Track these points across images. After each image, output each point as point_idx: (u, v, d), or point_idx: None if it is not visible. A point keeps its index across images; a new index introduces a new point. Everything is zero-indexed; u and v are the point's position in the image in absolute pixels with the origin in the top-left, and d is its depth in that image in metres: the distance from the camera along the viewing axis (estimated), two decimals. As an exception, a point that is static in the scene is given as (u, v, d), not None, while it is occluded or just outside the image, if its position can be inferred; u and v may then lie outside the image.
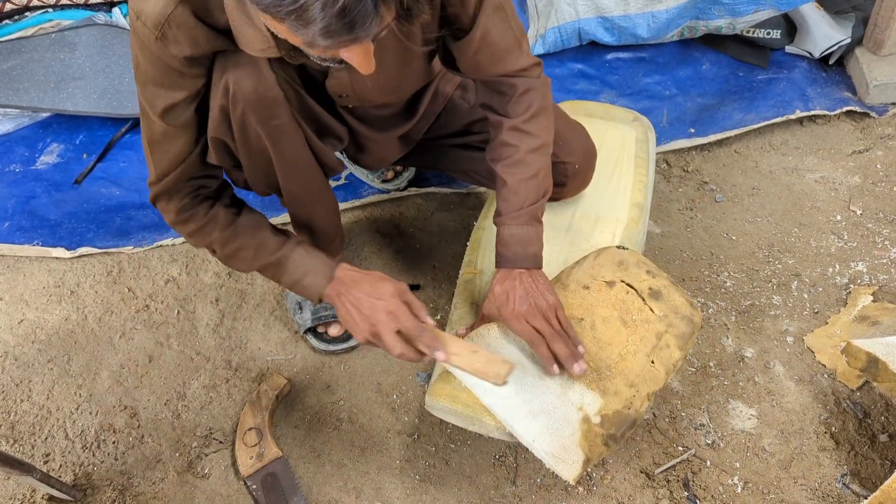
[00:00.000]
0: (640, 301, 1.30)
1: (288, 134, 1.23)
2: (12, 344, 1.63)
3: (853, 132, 1.96)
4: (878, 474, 1.36)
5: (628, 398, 1.21)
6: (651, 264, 1.37)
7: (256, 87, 1.15)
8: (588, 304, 1.30)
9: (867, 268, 1.68)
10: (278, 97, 1.18)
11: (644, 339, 1.27)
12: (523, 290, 1.24)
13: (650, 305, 1.29)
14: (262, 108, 1.18)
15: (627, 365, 1.24)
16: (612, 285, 1.31)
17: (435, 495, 1.40)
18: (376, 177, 1.82)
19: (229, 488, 1.42)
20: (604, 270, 1.34)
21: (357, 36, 0.84)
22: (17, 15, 2.05)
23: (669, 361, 1.26)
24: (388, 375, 1.55)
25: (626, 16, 2.03)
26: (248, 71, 1.13)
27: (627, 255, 1.37)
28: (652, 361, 1.25)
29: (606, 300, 1.30)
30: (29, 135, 2.03)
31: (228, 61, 1.12)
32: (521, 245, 1.27)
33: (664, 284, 1.33)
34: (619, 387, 1.22)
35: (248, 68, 1.13)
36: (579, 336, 1.24)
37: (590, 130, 1.62)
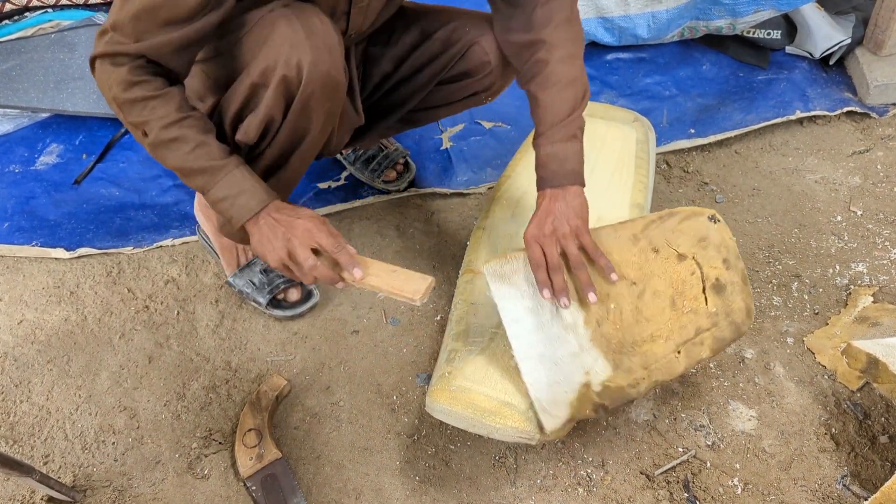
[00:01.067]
0: (700, 288, 1.23)
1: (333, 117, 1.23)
2: (12, 345, 1.63)
3: (853, 133, 1.96)
4: (879, 475, 1.36)
5: (637, 378, 1.19)
6: (734, 250, 1.27)
7: (329, 71, 1.14)
8: (648, 270, 1.24)
9: (867, 269, 1.68)
10: (343, 82, 1.18)
11: (683, 328, 1.22)
12: (546, 212, 1.21)
13: (707, 296, 1.23)
14: (329, 93, 1.17)
15: (653, 348, 1.21)
16: (682, 259, 1.24)
17: (435, 496, 1.39)
18: (376, 177, 1.82)
19: (229, 489, 1.42)
20: (683, 239, 1.26)
21: None
22: (16, 15, 2.05)
23: (694, 358, 1.23)
24: (388, 376, 1.55)
25: (626, 16, 2.03)
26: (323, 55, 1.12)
27: (714, 232, 1.26)
28: (678, 353, 1.21)
29: (668, 273, 1.24)
30: (28, 135, 2.03)
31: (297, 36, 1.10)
32: (558, 163, 1.23)
33: (733, 280, 1.25)
34: (635, 365, 1.19)
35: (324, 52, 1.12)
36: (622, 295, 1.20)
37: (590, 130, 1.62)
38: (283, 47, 1.12)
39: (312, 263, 1.14)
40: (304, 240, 1.14)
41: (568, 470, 1.41)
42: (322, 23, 1.14)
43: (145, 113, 1.13)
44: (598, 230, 1.29)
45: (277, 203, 1.18)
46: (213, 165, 1.15)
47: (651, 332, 1.21)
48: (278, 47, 1.12)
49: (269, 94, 1.16)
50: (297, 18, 1.12)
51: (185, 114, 1.14)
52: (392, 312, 1.65)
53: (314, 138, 1.26)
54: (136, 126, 1.15)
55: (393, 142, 1.83)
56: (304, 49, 1.12)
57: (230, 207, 1.17)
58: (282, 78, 1.14)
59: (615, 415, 1.47)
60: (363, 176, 1.83)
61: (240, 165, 1.17)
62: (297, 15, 1.13)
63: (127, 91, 1.11)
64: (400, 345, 1.59)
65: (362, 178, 1.84)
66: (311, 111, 1.20)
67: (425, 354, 1.58)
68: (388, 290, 1.15)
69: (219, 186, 1.16)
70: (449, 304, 1.61)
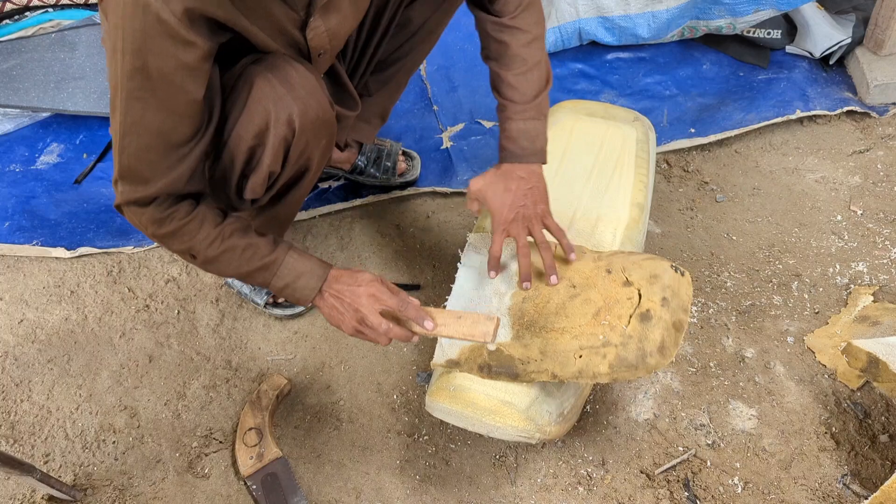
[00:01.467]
0: (629, 313, 1.24)
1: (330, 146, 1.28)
2: (12, 344, 1.63)
3: (854, 132, 1.96)
4: (879, 475, 1.36)
5: (529, 356, 1.23)
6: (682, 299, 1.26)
7: (318, 116, 1.18)
8: (592, 282, 1.30)
9: (867, 268, 1.68)
10: (332, 117, 1.21)
11: (593, 335, 1.23)
12: (512, 197, 1.28)
13: (631, 320, 1.23)
14: (322, 132, 1.22)
15: (558, 338, 1.24)
16: (627, 285, 1.28)
17: (435, 495, 1.40)
18: (392, 176, 1.80)
19: (229, 488, 1.42)
20: (638, 272, 1.29)
21: None
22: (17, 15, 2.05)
23: (591, 368, 1.21)
24: (389, 376, 1.55)
25: (626, 16, 2.03)
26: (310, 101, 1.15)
27: (670, 277, 1.27)
28: (579, 355, 1.22)
29: (607, 290, 1.28)
30: (29, 135, 2.03)
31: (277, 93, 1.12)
32: (529, 139, 1.29)
33: (663, 317, 1.23)
34: (533, 345, 1.24)
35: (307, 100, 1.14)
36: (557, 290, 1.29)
37: (590, 130, 1.62)
38: (268, 106, 1.13)
39: (386, 328, 1.17)
40: (372, 306, 1.17)
41: (568, 469, 1.41)
42: (296, 70, 1.15)
43: (186, 240, 1.17)
44: None
45: (334, 273, 1.22)
46: (266, 263, 1.20)
47: (563, 326, 1.25)
48: (264, 107, 1.13)
49: (268, 152, 1.18)
50: (272, 74, 1.13)
51: (222, 227, 1.18)
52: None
53: (314, 171, 1.32)
54: (182, 253, 1.20)
55: (385, 140, 1.83)
56: (289, 102, 1.14)
57: (294, 292, 1.22)
58: (275, 136, 1.16)
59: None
60: (378, 180, 1.81)
61: (289, 251, 1.22)
62: (270, 71, 1.13)
63: (161, 227, 1.15)
64: (400, 344, 1.59)
65: (377, 182, 1.82)
66: (309, 152, 1.24)
67: (425, 354, 1.58)
68: (460, 336, 1.19)
69: (278, 277, 1.21)
70: (449, 304, 1.61)
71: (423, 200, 1.85)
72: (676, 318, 1.24)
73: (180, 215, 1.15)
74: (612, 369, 1.20)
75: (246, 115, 1.14)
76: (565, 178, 1.55)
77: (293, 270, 1.21)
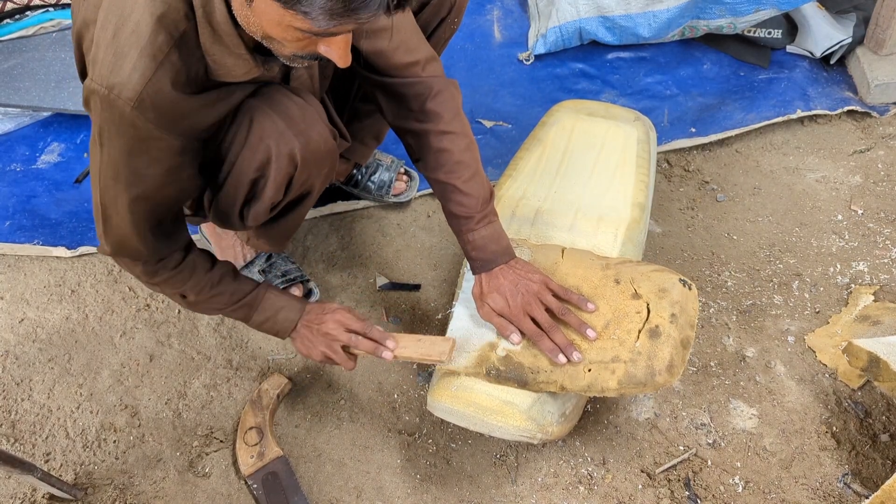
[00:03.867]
0: (639, 328, 1.25)
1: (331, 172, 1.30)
2: (13, 343, 1.63)
3: (854, 132, 1.96)
4: (880, 474, 1.36)
5: (539, 367, 1.25)
6: (689, 315, 1.27)
7: (319, 147, 1.19)
8: (601, 292, 1.31)
9: (868, 267, 1.68)
10: (334, 145, 1.22)
11: (603, 349, 1.24)
12: (510, 284, 1.28)
13: (640, 336, 1.24)
14: (324, 162, 1.23)
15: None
16: (636, 297, 1.28)
17: (436, 494, 1.40)
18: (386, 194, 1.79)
19: (230, 487, 1.42)
20: (646, 284, 1.30)
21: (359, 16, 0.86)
22: (17, 14, 2.05)
23: (600, 382, 1.22)
24: (390, 375, 1.55)
25: (627, 15, 2.03)
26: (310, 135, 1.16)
27: (678, 292, 1.28)
28: (589, 370, 1.23)
29: (616, 302, 1.29)
30: (30, 134, 2.03)
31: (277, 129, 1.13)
32: (496, 242, 1.30)
33: (671, 335, 1.23)
34: (542, 358, 1.26)
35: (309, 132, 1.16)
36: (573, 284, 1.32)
37: (591, 130, 1.62)
38: (269, 143, 1.14)
39: (355, 340, 1.28)
40: (340, 329, 1.29)
41: (569, 468, 1.41)
42: (296, 104, 1.16)
43: (177, 285, 1.26)
44: (578, 250, 1.39)
45: (308, 307, 1.33)
46: (248, 301, 1.31)
47: (573, 339, 1.26)
48: (266, 144, 1.15)
49: (270, 185, 1.20)
50: (272, 109, 1.14)
51: (211, 274, 1.28)
52: (393, 311, 1.65)
53: (316, 194, 1.34)
54: (173, 295, 1.30)
55: (386, 155, 1.82)
56: (290, 138, 1.15)
57: (273, 325, 1.33)
58: (277, 170, 1.17)
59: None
60: (372, 197, 1.81)
61: (269, 289, 1.33)
62: (269, 105, 1.14)
63: (153, 277, 1.25)
64: (401, 343, 1.59)
65: (371, 198, 1.81)
66: (311, 181, 1.26)
67: (426, 353, 1.58)
68: (419, 357, 1.29)
69: (258, 314, 1.32)
70: (450, 303, 1.61)
71: (423, 200, 1.85)
72: (684, 335, 1.25)
73: (171, 265, 1.24)
74: (620, 385, 1.22)
75: (248, 151, 1.16)
76: (566, 178, 1.55)
77: (272, 307, 1.32)
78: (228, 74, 1.06)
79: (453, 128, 1.29)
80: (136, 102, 0.99)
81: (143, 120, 1.01)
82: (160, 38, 0.98)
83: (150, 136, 1.04)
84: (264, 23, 0.93)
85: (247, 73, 1.07)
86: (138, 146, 1.05)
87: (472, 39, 2.20)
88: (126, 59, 0.98)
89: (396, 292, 1.68)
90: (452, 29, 1.49)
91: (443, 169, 1.30)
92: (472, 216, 1.29)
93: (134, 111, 0.99)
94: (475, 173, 1.30)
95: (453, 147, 1.29)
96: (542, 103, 2.01)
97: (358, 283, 1.69)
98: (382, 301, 1.66)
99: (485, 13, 2.27)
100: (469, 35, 2.21)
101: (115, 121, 1.02)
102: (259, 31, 0.96)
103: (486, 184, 1.31)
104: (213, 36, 1.01)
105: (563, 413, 1.30)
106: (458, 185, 1.28)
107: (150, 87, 0.99)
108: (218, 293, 1.29)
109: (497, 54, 2.17)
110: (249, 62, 1.05)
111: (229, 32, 1.00)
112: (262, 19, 0.93)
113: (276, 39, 0.96)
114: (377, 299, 1.67)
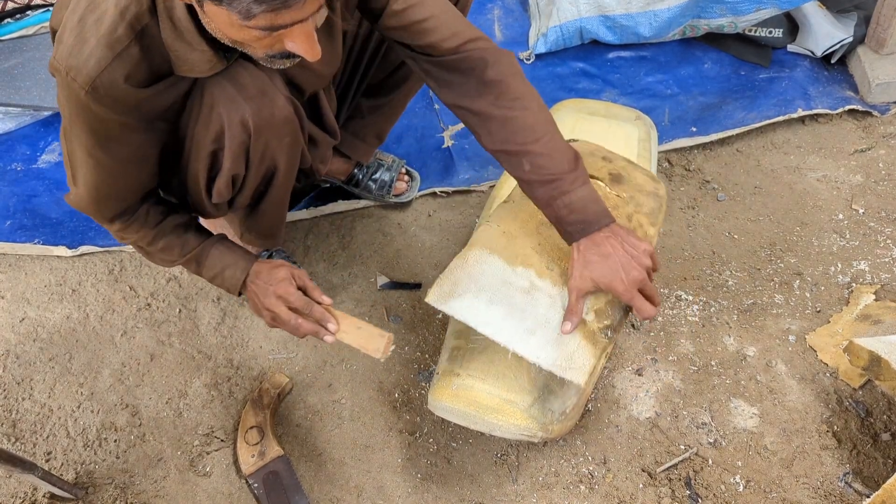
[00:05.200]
0: (605, 189, 1.31)
1: (297, 146, 1.26)
2: (14, 342, 1.63)
3: (855, 131, 1.96)
4: (881, 473, 1.36)
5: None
6: (605, 150, 1.38)
7: (273, 113, 1.17)
8: None
9: (869, 267, 1.67)
10: (291, 115, 1.20)
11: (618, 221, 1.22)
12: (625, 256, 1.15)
13: (615, 191, 1.31)
14: (281, 131, 1.20)
15: None
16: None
17: (437, 494, 1.40)
18: (387, 194, 1.79)
19: (231, 487, 1.42)
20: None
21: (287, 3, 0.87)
22: (18, 13, 2.05)
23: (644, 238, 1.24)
24: (390, 374, 1.55)
25: (627, 14, 2.03)
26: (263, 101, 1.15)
27: (581, 147, 1.35)
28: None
29: None
30: (30, 133, 2.03)
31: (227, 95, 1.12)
32: (595, 203, 1.17)
33: (623, 166, 1.35)
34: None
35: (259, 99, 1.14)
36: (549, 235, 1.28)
37: (592, 129, 1.62)
38: (220, 110, 1.14)
39: (296, 323, 1.25)
40: (281, 306, 1.25)
41: (570, 467, 1.41)
42: (246, 70, 1.14)
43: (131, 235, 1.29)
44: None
45: (255, 268, 1.30)
46: (192, 256, 1.30)
47: None
48: (217, 112, 1.14)
49: (227, 154, 1.19)
50: (224, 78, 1.13)
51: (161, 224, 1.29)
52: (394, 310, 1.65)
53: (284, 172, 1.30)
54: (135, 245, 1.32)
55: (388, 154, 1.82)
56: (240, 103, 1.14)
57: (223, 282, 1.31)
58: (231, 138, 1.16)
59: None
60: (373, 196, 1.80)
61: (215, 244, 1.31)
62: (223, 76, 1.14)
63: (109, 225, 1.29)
64: (401, 342, 1.59)
65: (372, 198, 1.81)
66: (271, 152, 1.22)
67: (427, 352, 1.58)
68: (356, 345, 1.26)
69: (206, 270, 1.31)
70: (451, 302, 1.61)
71: (424, 200, 1.85)
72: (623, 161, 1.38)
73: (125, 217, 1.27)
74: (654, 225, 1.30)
75: (202, 121, 1.16)
76: (567, 177, 1.55)
77: (219, 262, 1.30)
78: (192, 70, 1.08)
79: (520, 92, 1.20)
80: (89, 88, 1.02)
81: (97, 104, 1.04)
82: (120, 29, 1.00)
83: (107, 117, 1.07)
84: (222, 27, 0.95)
85: (210, 69, 1.08)
86: (96, 125, 1.09)
87: (473, 39, 2.20)
88: (86, 45, 1.00)
89: (397, 291, 1.68)
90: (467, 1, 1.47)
91: (514, 138, 1.18)
92: (562, 177, 1.15)
93: (87, 96, 1.02)
94: (551, 134, 1.18)
95: (523, 113, 1.18)
96: (542, 102, 2.01)
97: (358, 283, 1.69)
98: (383, 300, 1.66)
99: (485, 12, 2.27)
100: (470, 34, 2.21)
101: (72, 100, 1.05)
102: (224, 37, 0.98)
103: (568, 145, 1.19)
104: (174, 32, 1.03)
105: (563, 412, 1.30)
106: (537, 149, 1.16)
107: (105, 77, 1.01)
108: (167, 246, 1.29)
109: (498, 53, 2.16)
110: (213, 58, 1.06)
111: (189, 29, 1.02)
112: (218, 24, 0.95)
113: (242, 43, 0.98)
114: (378, 298, 1.67)
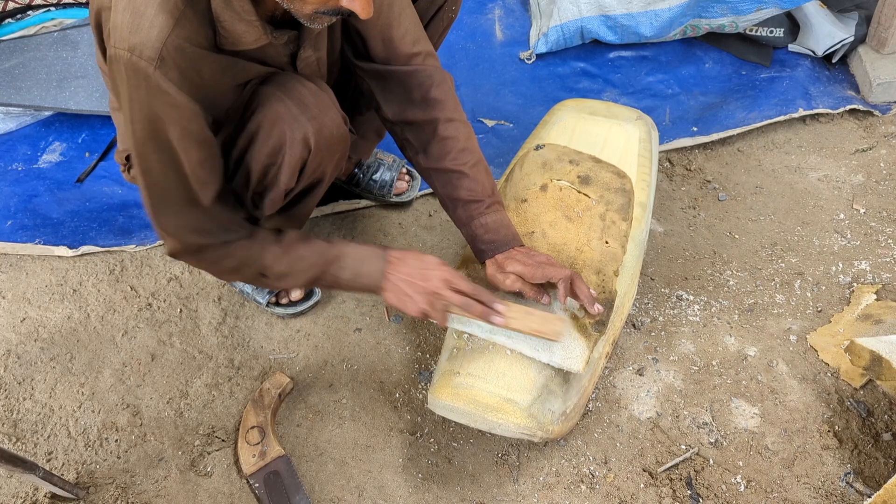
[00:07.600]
0: (575, 192, 1.39)
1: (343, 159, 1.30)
2: (15, 342, 1.63)
3: (856, 130, 1.96)
4: (882, 473, 1.36)
5: (599, 283, 1.31)
6: (571, 152, 1.47)
7: (332, 132, 1.20)
8: (532, 215, 1.39)
9: (870, 266, 1.67)
10: (346, 132, 1.23)
11: (592, 226, 1.36)
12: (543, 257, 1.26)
13: (585, 192, 1.39)
14: (336, 148, 1.24)
15: (587, 255, 1.34)
16: (545, 189, 1.40)
17: (438, 493, 1.40)
18: (388, 194, 1.79)
19: (232, 487, 1.42)
20: (533, 177, 1.42)
21: None
22: (19, 14, 2.05)
23: (620, 235, 1.38)
24: (391, 374, 1.55)
25: (628, 14, 2.03)
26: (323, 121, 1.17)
27: (547, 153, 1.46)
28: (606, 242, 1.35)
29: (546, 205, 1.39)
30: (31, 133, 2.03)
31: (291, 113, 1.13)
32: (506, 227, 1.30)
33: (590, 167, 1.44)
34: (589, 277, 1.32)
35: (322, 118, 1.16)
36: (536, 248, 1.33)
37: (593, 129, 1.62)
38: (283, 128, 1.15)
39: (461, 301, 1.20)
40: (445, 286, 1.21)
41: (570, 467, 1.41)
42: (308, 90, 1.17)
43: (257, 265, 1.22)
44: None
45: (393, 255, 1.24)
46: (330, 258, 1.24)
47: (575, 247, 1.35)
48: (279, 129, 1.15)
49: (284, 170, 1.20)
50: (285, 94, 1.15)
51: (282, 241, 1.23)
52: (394, 310, 1.65)
53: (328, 180, 1.34)
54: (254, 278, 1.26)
55: (388, 154, 1.82)
56: (303, 122, 1.16)
57: (362, 278, 1.25)
58: (291, 155, 1.18)
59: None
60: (373, 196, 1.81)
61: (345, 242, 1.26)
62: (282, 91, 1.15)
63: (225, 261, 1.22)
64: (402, 342, 1.59)
65: (373, 198, 1.81)
66: (323, 167, 1.27)
67: (427, 352, 1.58)
68: (530, 332, 1.22)
69: (346, 270, 1.24)
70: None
71: (425, 199, 1.85)
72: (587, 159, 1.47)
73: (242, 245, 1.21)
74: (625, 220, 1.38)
75: (262, 136, 1.17)
76: (568, 176, 1.55)
77: (356, 259, 1.24)
78: (238, 42, 1.07)
79: (458, 116, 1.31)
80: (157, 61, 1.00)
81: (167, 81, 1.01)
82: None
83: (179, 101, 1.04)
84: None
85: (256, 41, 1.08)
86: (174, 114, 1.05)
87: (474, 39, 2.20)
88: (144, 18, 0.99)
89: (398, 291, 1.68)
90: (451, 17, 1.49)
91: (449, 156, 1.30)
92: (482, 200, 1.29)
93: (157, 71, 1.00)
94: (480, 159, 1.31)
95: (459, 134, 1.30)
96: (543, 102, 2.01)
97: (359, 283, 1.69)
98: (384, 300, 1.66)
99: (486, 12, 2.27)
100: (470, 34, 2.21)
101: (140, 86, 1.02)
102: None
103: (490, 173, 1.32)
104: (224, 1, 1.02)
105: (563, 411, 1.30)
106: (466, 170, 1.29)
107: (171, 43, 1.00)
108: (296, 259, 1.23)
109: (498, 53, 2.17)
110: (259, 29, 1.06)
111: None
112: None
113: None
114: (378, 298, 1.66)
